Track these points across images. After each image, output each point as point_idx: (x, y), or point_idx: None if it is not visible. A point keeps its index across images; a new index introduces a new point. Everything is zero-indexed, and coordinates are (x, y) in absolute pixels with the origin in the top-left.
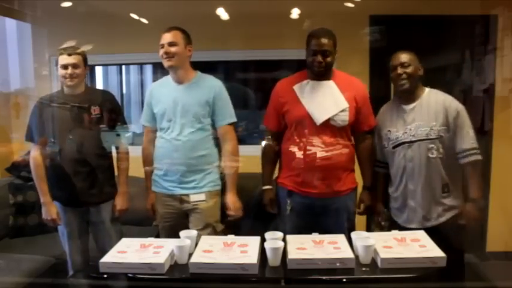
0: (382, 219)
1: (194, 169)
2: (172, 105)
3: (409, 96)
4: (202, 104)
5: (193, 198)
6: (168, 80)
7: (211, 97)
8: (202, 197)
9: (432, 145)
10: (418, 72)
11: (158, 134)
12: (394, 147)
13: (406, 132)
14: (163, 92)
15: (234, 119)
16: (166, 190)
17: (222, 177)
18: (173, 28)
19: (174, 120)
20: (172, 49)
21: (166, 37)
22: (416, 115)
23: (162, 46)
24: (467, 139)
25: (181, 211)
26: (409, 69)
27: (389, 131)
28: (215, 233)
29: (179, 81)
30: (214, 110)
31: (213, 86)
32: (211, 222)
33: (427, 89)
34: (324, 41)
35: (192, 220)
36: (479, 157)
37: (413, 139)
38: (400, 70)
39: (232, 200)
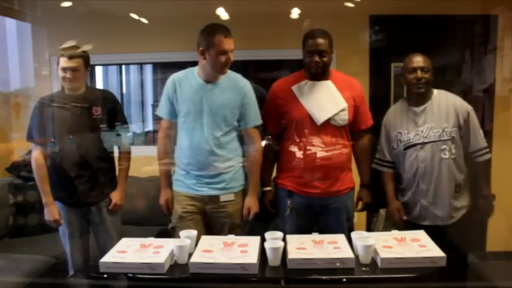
0: (402, 214)
1: (222, 171)
2: (199, 106)
3: (420, 98)
4: (231, 107)
5: (223, 198)
6: (193, 74)
7: (240, 100)
8: (231, 197)
9: (445, 146)
10: (432, 75)
11: (183, 132)
12: (405, 149)
13: (417, 134)
14: (189, 89)
15: (260, 121)
16: (193, 190)
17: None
18: (229, 31)
19: (201, 120)
20: (231, 57)
21: (229, 44)
22: (427, 117)
23: (225, 53)
24: (480, 138)
25: (204, 212)
26: (428, 74)
27: (399, 132)
28: (242, 232)
29: (208, 80)
30: (241, 112)
31: (242, 87)
32: (239, 222)
33: (435, 91)
34: (321, 41)
35: (219, 222)
36: (491, 155)
37: (426, 140)
38: (420, 74)
39: (253, 202)
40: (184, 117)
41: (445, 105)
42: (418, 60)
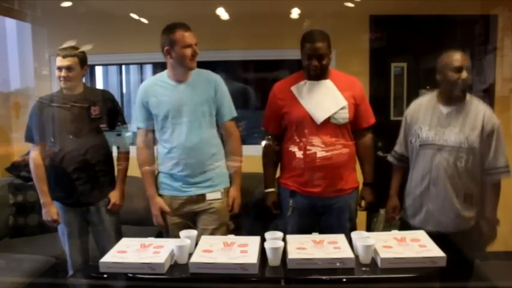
0: (396, 214)
1: (208, 168)
2: (177, 107)
3: (455, 99)
4: (207, 102)
5: (209, 196)
6: (163, 78)
7: (214, 93)
8: (218, 195)
9: (463, 154)
10: None
11: (162, 136)
12: (421, 146)
13: (437, 134)
14: (163, 93)
15: (235, 114)
16: (180, 192)
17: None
18: (188, 26)
19: (181, 121)
20: (197, 49)
21: (191, 37)
22: (452, 120)
23: (189, 46)
24: (501, 157)
25: (192, 212)
26: (469, 74)
27: (420, 127)
28: (228, 231)
29: (179, 80)
30: (217, 106)
31: (213, 80)
32: (225, 221)
33: (468, 95)
34: (319, 45)
35: (204, 219)
36: (509, 175)
37: (445, 144)
38: (464, 74)
39: (235, 195)
40: (163, 122)
41: (474, 114)
42: (463, 59)
